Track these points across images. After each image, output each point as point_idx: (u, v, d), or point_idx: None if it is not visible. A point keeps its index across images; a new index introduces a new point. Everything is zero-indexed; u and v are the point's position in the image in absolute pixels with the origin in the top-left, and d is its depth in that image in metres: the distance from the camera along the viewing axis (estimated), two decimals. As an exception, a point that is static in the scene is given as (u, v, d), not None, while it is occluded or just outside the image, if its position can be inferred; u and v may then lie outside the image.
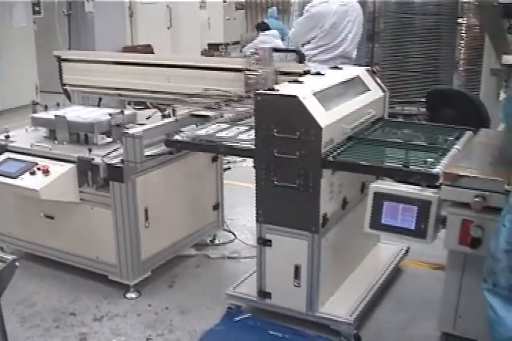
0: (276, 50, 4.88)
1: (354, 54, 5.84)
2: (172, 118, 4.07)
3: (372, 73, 4.01)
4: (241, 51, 12.53)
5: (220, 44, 14.12)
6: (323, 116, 3.20)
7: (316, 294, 3.50)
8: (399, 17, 8.15)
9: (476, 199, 2.78)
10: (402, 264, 4.36)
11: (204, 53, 13.05)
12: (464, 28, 8.00)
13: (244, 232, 4.93)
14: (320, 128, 3.12)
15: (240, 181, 5.60)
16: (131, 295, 4.06)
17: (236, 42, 15.98)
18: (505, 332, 2.38)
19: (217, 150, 3.75)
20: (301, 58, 4.04)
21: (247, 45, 11.73)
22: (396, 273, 4.27)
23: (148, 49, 10.55)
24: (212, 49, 13.69)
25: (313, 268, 3.42)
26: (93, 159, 3.89)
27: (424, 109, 5.77)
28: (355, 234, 3.43)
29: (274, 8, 10.17)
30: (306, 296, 3.51)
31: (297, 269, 3.46)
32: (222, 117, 4.19)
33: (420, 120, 6.27)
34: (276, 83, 4.14)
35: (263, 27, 11.44)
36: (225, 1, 15.98)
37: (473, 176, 2.82)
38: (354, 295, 3.71)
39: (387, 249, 4.32)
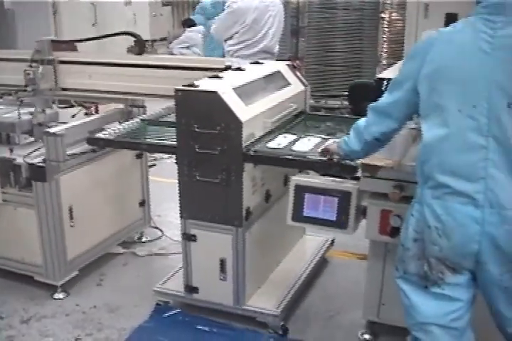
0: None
1: (276, 49, 5.87)
2: (95, 116, 4.04)
3: (293, 68, 4.05)
4: (168, 47, 12.45)
5: (147, 40, 13.99)
6: (243, 111, 3.22)
7: (243, 287, 3.53)
8: (323, 12, 8.24)
9: (394, 190, 2.86)
10: (328, 255, 4.44)
11: (130, 50, 12.91)
12: (386, 23, 8.16)
13: (171, 228, 4.91)
14: (240, 123, 3.15)
15: (167, 177, 5.57)
16: (58, 295, 4.01)
17: (163, 39, 15.84)
18: (419, 317, 2.46)
19: (140, 147, 3.74)
20: (140, 48, 3.98)
21: (173, 42, 11.69)
22: (322, 264, 4.34)
23: (72, 46, 10.38)
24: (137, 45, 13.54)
25: (238, 261, 3.45)
26: (15, 159, 3.83)
27: (346, 103, 5.88)
28: (279, 226, 3.47)
29: (204, 2, 10.10)
30: (232, 290, 3.54)
31: (223, 263, 3.48)
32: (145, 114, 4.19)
33: (343, 113, 6.37)
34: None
35: (189, 23, 11.40)
36: (150, -4, 15.82)
37: (390, 167, 2.89)
38: (281, 287, 3.76)
39: (313, 241, 4.38)
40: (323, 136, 3.53)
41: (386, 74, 3.13)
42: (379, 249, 3.17)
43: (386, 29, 8.10)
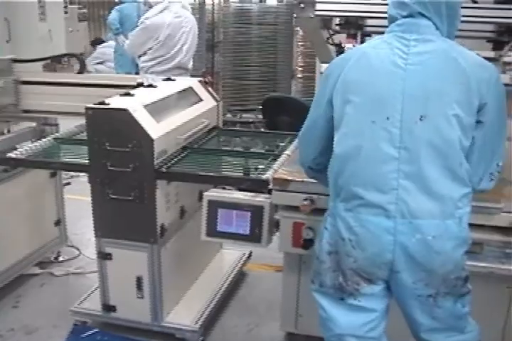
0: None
1: (190, 65, 5.91)
2: (6, 135, 3.97)
3: (205, 83, 4.09)
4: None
5: (63, 56, 13.81)
6: (155, 128, 3.23)
7: (160, 304, 3.52)
8: (238, 27, 8.35)
9: (305, 202, 2.91)
10: (246, 268, 4.47)
11: (46, 66, 12.71)
12: (299, 37, 8.31)
13: (89, 247, 4.85)
14: (151, 140, 3.16)
15: (83, 195, 5.49)
16: (-28, 319, 3.91)
17: (80, 54, 15.70)
18: (336, 328, 2.49)
19: (52, 166, 3.70)
20: (81, 66, 4.00)
21: (88, 57, 11.60)
22: (241, 277, 4.37)
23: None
24: (55, 61, 13.37)
25: (154, 278, 3.44)
26: None
27: (261, 116, 5.94)
28: (196, 242, 3.48)
29: (110, 19, 9.96)
30: (150, 307, 3.52)
31: (139, 281, 3.47)
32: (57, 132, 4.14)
33: (258, 127, 6.44)
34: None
35: (98, 41, 11.40)
36: (66, 13, 15.64)
37: (300, 180, 2.95)
38: (199, 302, 3.77)
39: (230, 255, 4.42)
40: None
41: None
42: (293, 261, 3.22)
43: (300, 43, 8.25)
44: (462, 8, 2.46)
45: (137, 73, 6.14)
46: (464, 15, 2.50)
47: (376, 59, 2.32)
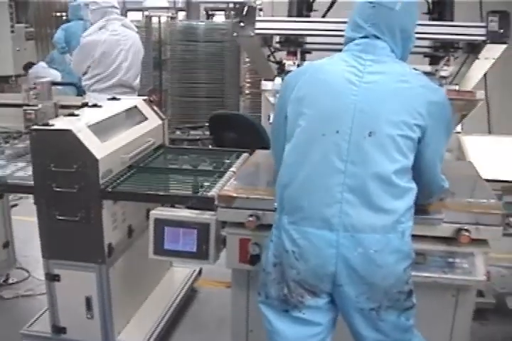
0: (55, 83, 4.82)
1: (136, 83, 5.88)
2: None
3: (150, 102, 4.11)
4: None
5: (10, 76, 13.65)
6: (99, 148, 3.24)
7: (111, 324, 3.51)
8: (184, 44, 8.40)
9: (250, 219, 2.94)
10: (197, 285, 4.49)
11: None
12: (246, 54, 8.37)
13: (38, 268, 4.78)
14: (96, 160, 3.17)
15: (31, 216, 5.45)
16: None
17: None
18: (282, 340, 2.53)
19: (-4, 188, 3.68)
20: (78, 91, 4.04)
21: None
22: (192, 294, 4.39)
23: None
24: (2, 81, 13.21)
25: (104, 298, 3.43)
26: None
27: (209, 133, 5.96)
28: (145, 260, 3.48)
29: (56, 37, 9.86)
30: (100, 327, 3.50)
31: (88, 301, 3.46)
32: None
33: (206, 144, 6.47)
34: (57, 116, 4.13)
35: (29, 65, 11.30)
36: (13, 32, 15.47)
37: (245, 197, 2.98)
38: (150, 320, 3.77)
39: (181, 272, 4.43)
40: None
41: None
42: (241, 277, 3.24)
43: (247, 59, 8.32)
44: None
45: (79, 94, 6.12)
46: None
47: (331, 74, 2.41)
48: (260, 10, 8.38)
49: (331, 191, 2.32)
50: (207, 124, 5.85)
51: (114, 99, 4.14)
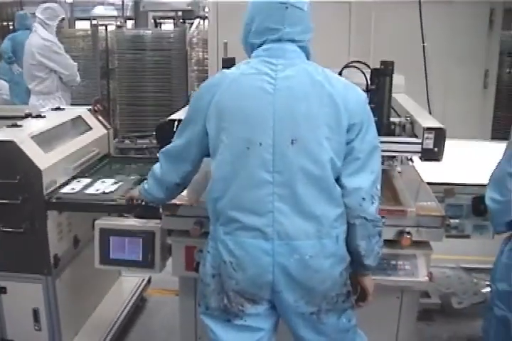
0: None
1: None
2: None
3: (94, 112, 4.10)
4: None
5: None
6: (43, 159, 3.23)
7: (59, 335, 3.49)
8: (132, 53, 8.37)
9: (194, 226, 2.95)
10: (146, 294, 4.48)
11: None
12: (194, 62, 8.41)
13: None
14: (39, 171, 3.15)
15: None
16: None
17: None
18: None
19: None
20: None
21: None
22: (141, 303, 4.39)
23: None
24: None
25: (51, 310, 3.41)
26: None
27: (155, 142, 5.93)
28: (92, 270, 3.46)
29: (2, 47, 9.68)
30: (48, 339, 3.48)
31: (36, 313, 3.43)
32: None
33: (154, 153, 6.43)
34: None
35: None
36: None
37: (189, 204, 2.99)
38: (99, 330, 3.76)
39: (130, 282, 4.41)
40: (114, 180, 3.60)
41: (177, 115, 3.23)
42: (188, 284, 3.23)
43: (195, 67, 8.35)
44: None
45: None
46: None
47: (245, 85, 2.35)
48: (205, 18, 8.45)
49: (262, 201, 2.32)
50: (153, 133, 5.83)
51: (58, 108, 4.12)
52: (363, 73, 3.14)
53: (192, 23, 9.92)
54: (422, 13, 5.26)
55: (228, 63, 3.05)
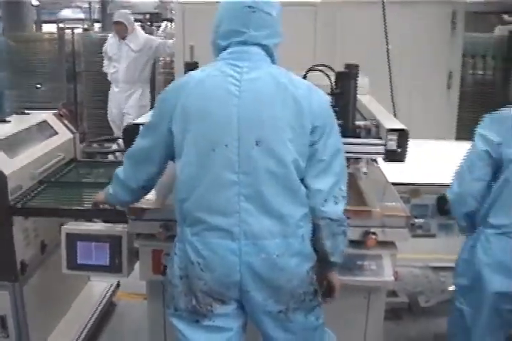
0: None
1: None
2: None
3: (60, 116, 4.08)
4: None
5: None
6: (7, 164, 3.21)
7: (27, 342, 3.47)
8: (99, 56, 8.33)
9: (161, 230, 2.95)
10: (116, 298, 4.47)
11: None
12: (161, 64, 8.41)
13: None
14: (4, 177, 3.13)
15: None
16: None
17: None
18: None
19: None
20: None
21: None
22: (110, 308, 4.37)
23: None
24: None
25: (19, 316, 3.39)
26: None
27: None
28: (60, 276, 3.45)
29: None
30: (16, 345, 3.46)
31: (3, 320, 3.40)
32: None
33: (122, 156, 6.39)
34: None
35: None
36: None
37: (155, 208, 2.99)
38: (68, 337, 3.74)
39: (98, 286, 4.39)
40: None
41: (141, 119, 3.23)
42: (156, 288, 3.22)
43: (162, 70, 8.35)
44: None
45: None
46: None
47: (211, 87, 2.38)
48: (173, 20, 8.45)
49: (228, 202, 2.35)
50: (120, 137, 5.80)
51: (23, 113, 4.09)
52: (328, 76, 3.18)
53: (159, 26, 9.91)
54: (385, 16, 5.33)
55: (191, 67, 3.05)
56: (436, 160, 3.95)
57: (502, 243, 2.82)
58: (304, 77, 3.05)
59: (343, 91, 3.10)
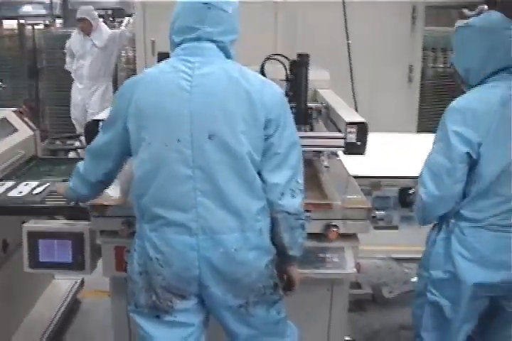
0: None
1: None
2: None
3: (20, 113, 4.04)
4: None
5: None
6: (-34, 162, 3.18)
7: (-10, 342, 3.44)
8: (61, 52, 8.24)
9: (122, 227, 2.94)
10: (80, 296, 4.45)
11: None
12: (123, 60, 8.36)
13: None
14: (-38, 175, 3.10)
15: None
16: None
17: None
18: None
19: None
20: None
21: None
22: (75, 305, 4.36)
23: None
24: None
25: (-20, 316, 3.36)
26: None
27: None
28: (23, 274, 3.43)
29: None
30: (-21, 346, 3.43)
31: (-36, 320, 3.38)
32: None
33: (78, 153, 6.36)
34: None
35: None
36: None
37: (117, 204, 2.98)
38: (32, 335, 3.73)
39: (63, 284, 4.37)
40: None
41: (101, 115, 3.22)
42: (119, 284, 3.19)
43: (125, 66, 8.30)
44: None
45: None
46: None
47: (163, 83, 2.39)
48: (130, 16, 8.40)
49: (185, 197, 2.36)
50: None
51: (-18, 112, 4.04)
52: (284, 65, 3.35)
53: (121, 22, 9.84)
54: (346, 9, 5.36)
55: (163, 57, 3.04)
56: (397, 153, 3.99)
57: (477, 234, 2.80)
58: (262, 66, 3.21)
59: (296, 77, 3.30)
